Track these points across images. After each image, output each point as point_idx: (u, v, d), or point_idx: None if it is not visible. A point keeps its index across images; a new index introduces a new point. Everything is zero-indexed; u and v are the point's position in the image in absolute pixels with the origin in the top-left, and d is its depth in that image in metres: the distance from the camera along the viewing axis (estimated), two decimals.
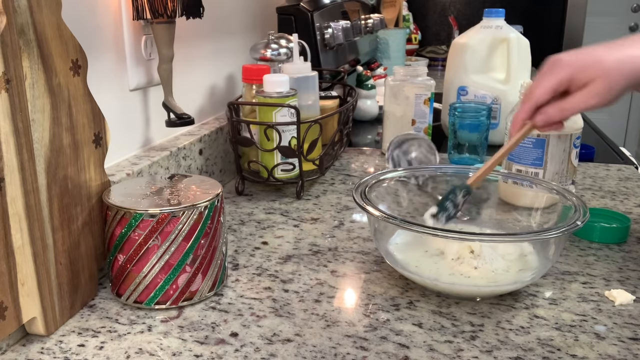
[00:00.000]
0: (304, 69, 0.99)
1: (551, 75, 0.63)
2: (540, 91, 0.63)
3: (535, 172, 0.84)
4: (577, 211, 0.63)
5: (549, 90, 0.63)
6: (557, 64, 0.63)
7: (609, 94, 0.60)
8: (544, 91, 0.63)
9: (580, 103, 0.61)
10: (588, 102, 0.61)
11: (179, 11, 0.75)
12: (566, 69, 0.62)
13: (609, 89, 0.60)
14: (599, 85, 0.60)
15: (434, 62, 2.44)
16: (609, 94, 0.60)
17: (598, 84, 0.60)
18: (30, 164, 0.52)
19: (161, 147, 0.84)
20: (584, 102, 0.61)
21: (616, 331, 0.58)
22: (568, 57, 0.63)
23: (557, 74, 0.62)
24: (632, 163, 1.15)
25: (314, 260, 0.73)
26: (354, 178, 1.04)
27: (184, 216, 0.59)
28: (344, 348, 0.55)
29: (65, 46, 0.57)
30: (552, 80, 0.62)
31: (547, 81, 0.63)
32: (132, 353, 0.54)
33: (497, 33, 1.21)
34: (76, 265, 0.60)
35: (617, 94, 0.60)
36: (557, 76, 0.62)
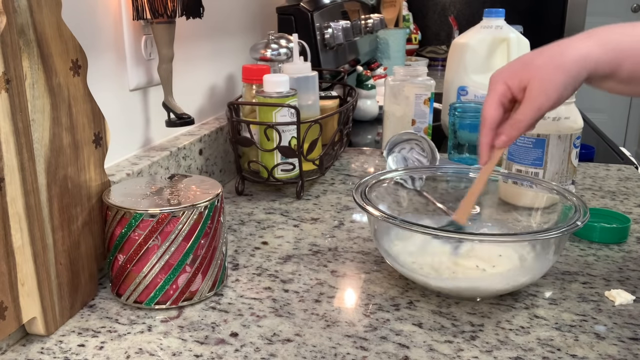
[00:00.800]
0: (304, 69, 0.99)
1: (491, 92, 0.62)
2: (488, 111, 0.62)
3: (535, 172, 0.84)
4: (578, 211, 0.63)
5: (495, 107, 0.62)
6: (492, 80, 0.63)
7: (550, 92, 0.59)
8: (490, 110, 0.62)
9: (528, 109, 0.60)
10: (534, 105, 0.60)
11: (179, 11, 0.75)
12: (500, 81, 0.62)
13: (547, 86, 0.59)
14: (534, 85, 0.59)
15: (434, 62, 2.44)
16: (551, 92, 0.59)
17: (533, 85, 0.60)
18: (30, 164, 0.52)
19: (161, 147, 0.84)
20: (531, 106, 0.60)
21: (616, 331, 0.58)
22: (500, 70, 0.63)
23: (495, 88, 0.62)
24: (632, 163, 1.15)
25: (314, 260, 0.73)
26: (354, 178, 1.04)
27: (184, 216, 0.59)
28: (344, 348, 0.55)
29: (65, 46, 0.57)
30: (494, 96, 0.62)
31: (489, 99, 0.62)
32: (132, 353, 0.54)
33: (497, 33, 1.21)
34: (76, 265, 0.60)
35: (558, 88, 0.59)
36: (496, 91, 0.62)
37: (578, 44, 0.60)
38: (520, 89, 0.61)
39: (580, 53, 0.59)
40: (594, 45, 0.59)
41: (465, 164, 1.06)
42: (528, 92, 0.60)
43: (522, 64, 0.62)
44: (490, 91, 0.63)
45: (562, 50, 0.60)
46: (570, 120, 0.83)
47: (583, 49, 0.59)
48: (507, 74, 0.62)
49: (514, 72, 0.62)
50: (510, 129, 0.62)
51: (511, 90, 0.62)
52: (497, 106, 0.62)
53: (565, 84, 0.59)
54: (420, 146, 1.01)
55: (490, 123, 0.62)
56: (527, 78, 0.60)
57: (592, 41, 0.59)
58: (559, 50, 0.60)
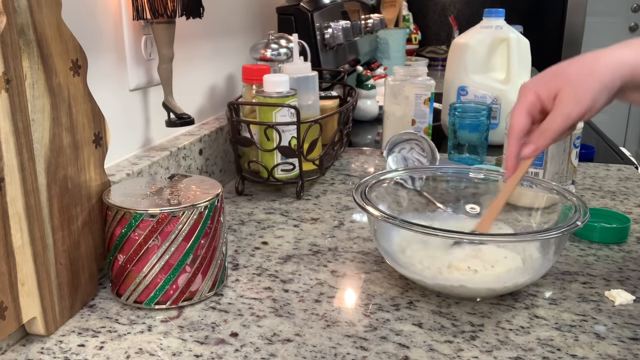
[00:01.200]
0: (304, 69, 0.99)
1: (520, 102, 0.61)
2: (516, 121, 0.61)
3: (535, 172, 0.84)
4: (577, 211, 0.63)
5: (523, 116, 0.61)
6: (522, 90, 0.62)
7: (581, 98, 0.57)
8: (518, 119, 0.61)
9: (558, 118, 0.59)
10: (563, 111, 0.58)
11: (179, 11, 0.75)
12: (531, 90, 0.61)
13: (578, 92, 0.57)
14: (566, 93, 0.58)
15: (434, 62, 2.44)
16: (583, 99, 0.57)
17: (565, 92, 0.58)
18: (30, 164, 0.52)
19: (161, 147, 0.84)
20: (560, 115, 0.58)
21: (616, 331, 0.58)
22: (531, 79, 0.62)
23: (525, 98, 0.61)
24: (632, 163, 1.15)
25: (314, 260, 0.73)
26: (354, 178, 1.04)
27: (184, 216, 0.59)
28: (344, 348, 0.55)
29: (65, 46, 0.57)
30: (522, 106, 0.61)
31: (518, 109, 0.61)
32: (132, 353, 0.54)
33: (497, 33, 1.21)
34: (76, 265, 0.60)
35: (592, 97, 0.57)
36: (526, 100, 0.61)
37: (614, 51, 0.58)
38: (551, 98, 0.59)
39: (616, 60, 0.57)
40: (631, 52, 0.57)
41: (465, 164, 1.06)
42: (558, 100, 0.59)
43: (554, 72, 0.60)
44: (519, 101, 0.62)
45: (596, 58, 0.58)
46: None
47: (619, 56, 0.57)
48: (537, 83, 0.61)
49: (545, 81, 0.60)
50: (539, 138, 0.60)
51: (541, 99, 0.60)
52: (525, 116, 0.61)
53: (598, 90, 0.57)
54: (420, 146, 1.01)
55: (518, 132, 0.61)
56: (558, 86, 0.59)
57: (629, 49, 0.58)
58: (593, 57, 0.58)
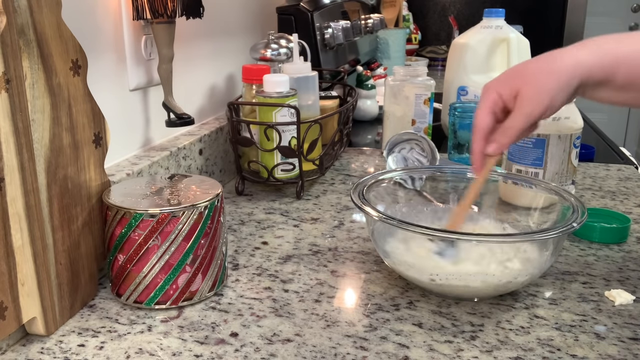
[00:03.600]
0: (304, 69, 0.99)
1: (483, 101, 0.63)
2: (480, 120, 0.62)
3: (535, 172, 0.84)
4: (576, 212, 0.63)
5: (486, 115, 0.62)
6: (484, 90, 0.63)
7: (541, 98, 0.59)
8: (481, 118, 0.62)
9: (519, 117, 0.60)
10: (524, 111, 0.60)
11: (179, 11, 0.75)
12: (492, 89, 0.62)
13: (537, 92, 0.59)
14: (526, 92, 0.59)
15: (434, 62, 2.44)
16: (542, 99, 0.59)
17: (525, 92, 0.59)
18: (30, 164, 0.52)
19: (161, 147, 0.84)
20: (521, 114, 0.60)
21: (616, 331, 0.58)
22: (494, 79, 0.63)
23: (487, 97, 0.62)
24: (632, 163, 1.15)
25: (314, 260, 0.73)
26: (354, 178, 1.04)
27: (184, 216, 0.59)
28: (344, 348, 0.55)
29: (65, 46, 0.57)
30: (485, 105, 0.62)
31: (481, 108, 0.63)
32: (132, 353, 0.54)
33: (497, 33, 1.21)
34: (76, 265, 0.60)
35: (550, 96, 0.59)
36: (488, 99, 0.62)
37: (572, 51, 0.60)
38: (512, 97, 0.61)
39: (573, 59, 0.59)
40: (588, 52, 0.59)
41: (465, 164, 1.06)
42: (519, 99, 0.60)
43: (513, 72, 0.62)
44: (481, 100, 0.63)
45: (554, 58, 0.60)
46: (570, 120, 0.83)
47: (576, 56, 0.59)
48: (498, 83, 0.62)
49: (506, 80, 0.62)
50: (501, 136, 0.62)
51: (502, 98, 0.62)
52: (488, 114, 0.62)
53: (556, 90, 0.59)
54: (420, 146, 1.01)
55: (481, 131, 0.63)
56: (518, 85, 0.60)
57: (586, 49, 0.59)
58: (551, 58, 0.60)
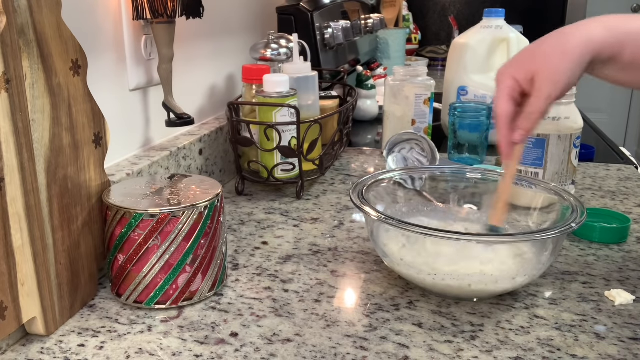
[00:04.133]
0: (304, 69, 0.99)
1: (500, 88, 0.62)
2: (501, 108, 0.62)
3: (535, 172, 0.84)
4: (575, 212, 0.63)
5: (506, 102, 0.62)
6: (499, 76, 0.63)
7: (558, 79, 0.59)
8: (503, 106, 0.62)
9: (539, 101, 0.60)
10: (544, 95, 0.60)
11: (179, 11, 0.75)
12: (507, 75, 0.62)
13: (554, 74, 0.59)
14: (542, 75, 0.59)
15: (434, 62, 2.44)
16: (559, 80, 0.59)
17: (540, 75, 0.60)
18: (30, 164, 0.52)
19: (161, 147, 0.84)
20: (541, 97, 0.60)
21: (616, 331, 0.58)
22: (506, 64, 0.63)
23: (504, 84, 0.62)
24: (632, 163, 1.15)
25: (314, 260, 0.73)
26: (354, 178, 1.04)
27: (184, 216, 0.59)
28: (344, 348, 0.55)
29: (65, 46, 0.57)
30: (503, 92, 0.62)
31: (500, 96, 0.62)
32: (132, 353, 0.54)
33: (497, 33, 1.21)
34: (76, 265, 0.60)
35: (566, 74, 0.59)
36: (505, 86, 0.62)
37: (582, 27, 0.59)
38: (528, 81, 0.61)
39: (585, 36, 0.58)
40: (598, 27, 0.59)
41: (465, 164, 1.06)
42: (537, 83, 0.60)
43: (527, 55, 0.62)
44: (499, 87, 0.63)
45: (566, 36, 0.59)
46: (570, 120, 0.83)
47: (587, 31, 0.59)
48: (513, 68, 0.62)
49: (520, 64, 0.62)
50: (525, 122, 0.62)
51: (519, 83, 0.61)
52: (507, 101, 0.62)
53: (572, 69, 0.59)
54: (420, 146, 1.01)
55: (505, 118, 0.62)
56: (533, 69, 0.60)
57: (596, 24, 0.59)
58: (563, 37, 0.60)
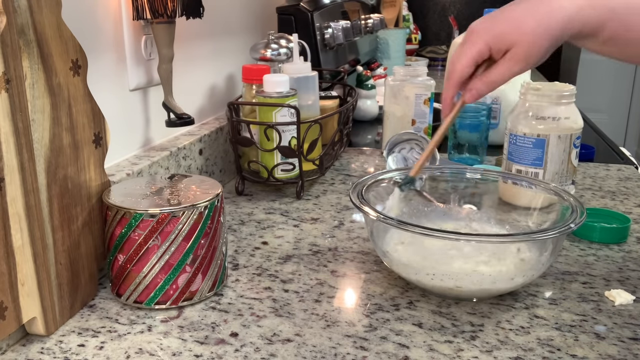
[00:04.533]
0: (304, 69, 0.99)
1: (470, 47, 0.61)
2: (462, 65, 0.61)
3: (535, 173, 0.84)
4: (575, 212, 0.63)
5: (470, 63, 0.61)
6: (473, 34, 0.61)
7: (531, 57, 0.59)
8: (465, 64, 0.61)
9: (506, 71, 0.60)
10: (512, 69, 0.59)
11: (179, 11, 0.75)
12: (483, 38, 0.60)
13: (530, 53, 0.59)
14: (520, 50, 0.59)
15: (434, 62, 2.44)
16: (532, 57, 0.59)
17: (519, 49, 0.59)
18: (30, 164, 0.52)
19: (161, 147, 0.84)
20: (509, 69, 0.60)
21: (616, 331, 0.58)
22: (483, 25, 0.61)
23: (475, 44, 0.61)
24: (632, 163, 1.15)
25: (314, 260, 0.73)
26: (354, 178, 1.04)
27: (184, 216, 0.59)
28: (344, 348, 0.55)
29: (65, 46, 0.57)
30: (471, 52, 0.61)
31: (466, 54, 0.61)
32: (132, 353, 0.54)
33: None
34: (76, 265, 0.60)
35: (540, 55, 0.59)
36: (476, 47, 0.61)
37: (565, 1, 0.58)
38: (501, 51, 0.60)
39: (569, 14, 0.57)
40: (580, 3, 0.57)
41: (465, 164, 1.06)
42: (510, 55, 0.59)
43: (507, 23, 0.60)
44: (467, 46, 0.61)
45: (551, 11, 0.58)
46: (570, 120, 0.83)
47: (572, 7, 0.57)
48: (489, 34, 0.60)
49: (503, 32, 0.60)
50: (483, 86, 0.61)
51: (491, 51, 0.61)
52: (471, 65, 0.61)
53: (548, 48, 0.59)
54: (420, 146, 1.01)
55: (459, 78, 0.62)
56: (512, 41, 0.59)
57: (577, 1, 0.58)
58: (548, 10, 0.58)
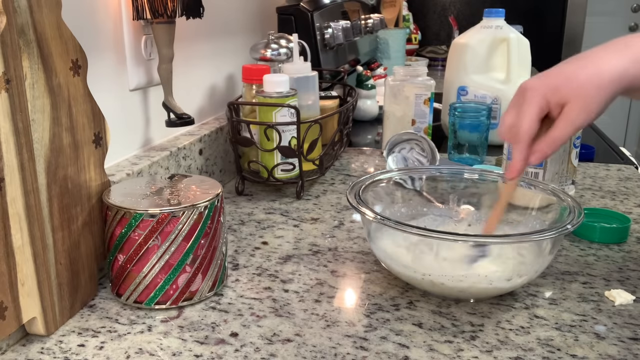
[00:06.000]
0: (304, 69, 0.99)
1: (530, 105, 0.61)
2: (527, 126, 0.60)
3: (535, 173, 0.84)
4: (572, 212, 0.63)
5: (535, 119, 0.60)
6: (528, 91, 0.61)
7: (590, 110, 0.58)
8: (531, 125, 0.60)
9: (567, 128, 0.59)
10: (573, 124, 0.59)
11: (179, 11, 0.75)
12: (540, 92, 0.60)
13: (587, 106, 0.58)
14: (576, 105, 0.58)
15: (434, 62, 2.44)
16: (591, 111, 0.58)
17: (574, 105, 0.59)
18: (30, 164, 0.52)
19: (161, 147, 0.84)
20: (570, 125, 0.59)
21: (616, 331, 0.58)
22: (537, 82, 0.61)
23: (535, 102, 0.60)
24: (632, 163, 1.15)
25: (314, 260, 0.73)
26: (354, 178, 1.04)
27: (184, 216, 0.59)
28: (344, 348, 0.55)
29: (65, 46, 0.57)
30: (533, 109, 0.60)
31: (529, 111, 0.60)
32: (132, 353, 0.54)
33: (497, 33, 1.21)
34: (76, 265, 0.60)
35: (599, 107, 0.58)
36: (537, 105, 0.60)
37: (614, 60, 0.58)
38: (559, 105, 0.59)
39: (618, 71, 0.58)
40: (628, 60, 0.58)
41: (466, 164, 1.06)
42: (568, 111, 0.59)
43: (562, 78, 0.60)
44: (528, 103, 0.61)
45: (600, 68, 0.58)
46: None
47: (619, 66, 0.58)
48: (546, 88, 0.60)
49: (557, 86, 0.60)
50: (547, 147, 0.60)
51: (550, 106, 0.60)
52: (537, 121, 0.60)
53: (604, 103, 0.58)
54: (420, 146, 1.01)
55: (529, 138, 0.61)
56: (568, 96, 0.59)
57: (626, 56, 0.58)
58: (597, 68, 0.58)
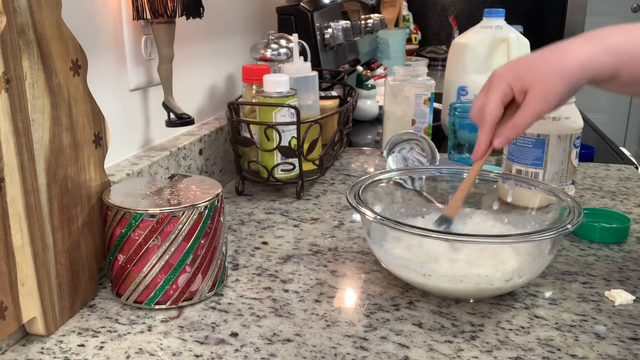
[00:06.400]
0: (304, 69, 0.99)
1: (494, 90, 0.64)
2: (491, 109, 0.64)
3: (535, 173, 0.84)
4: (572, 212, 0.63)
5: (498, 107, 0.64)
6: (495, 78, 0.64)
7: (550, 99, 0.61)
8: (495, 110, 0.64)
9: (529, 114, 0.62)
10: (534, 110, 0.61)
11: (179, 11, 0.75)
12: (504, 80, 0.63)
13: (548, 93, 0.61)
14: (535, 93, 0.61)
15: (434, 62, 2.44)
16: (549, 99, 0.61)
17: (534, 92, 0.61)
18: (30, 164, 0.52)
19: (161, 147, 0.84)
20: (531, 111, 0.62)
21: (616, 331, 0.58)
22: (504, 69, 0.64)
23: (499, 88, 0.63)
24: (632, 163, 1.15)
25: (314, 260, 0.73)
26: (354, 178, 1.04)
27: (184, 216, 0.59)
28: (344, 348, 0.55)
29: (65, 46, 0.57)
30: (496, 95, 0.63)
31: (493, 98, 0.64)
32: (132, 353, 0.54)
33: (497, 33, 1.21)
34: (76, 265, 0.60)
35: (558, 96, 0.61)
36: (500, 91, 0.63)
37: (579, 49, 0.61)
38: (521, 92, 0.62)
39: (582, 61, 0.60)
40: (594, 50, 0.60)
41: (465, 164, 1.06)
42: (530, 98, 0.62)
43: (526, 66, 0.63)
44: (493, 89, 0.64)
45: (564, 57, 0.61)
46: (570, 120, 0.83)
47: (584, 55, 0.60)
48: (510, 75, 0.63)
49: (518, 74, 0.63)
50: (510, 131, 0.63)
51: (513, 92, 0.63)
52: (500, 106, 0.64)
53: (566, 92, 0.61)
54: (420, 146, 1.01)
55: (493, 122, 0.64)
56: (529, 83, 0.62)
57: (593, 47, 0.60)
58: (561, 57, 0.61)
